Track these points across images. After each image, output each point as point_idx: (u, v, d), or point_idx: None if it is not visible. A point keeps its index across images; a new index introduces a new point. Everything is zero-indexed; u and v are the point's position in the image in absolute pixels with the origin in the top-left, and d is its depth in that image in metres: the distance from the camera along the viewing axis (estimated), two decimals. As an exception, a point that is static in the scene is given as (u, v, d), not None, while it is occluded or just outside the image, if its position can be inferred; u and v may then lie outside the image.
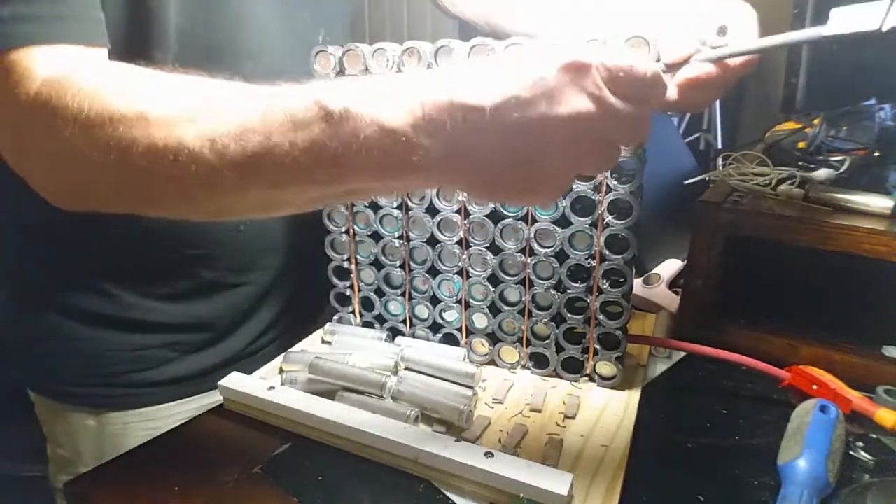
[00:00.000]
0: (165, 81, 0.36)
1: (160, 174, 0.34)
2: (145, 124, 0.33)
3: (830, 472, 0.39)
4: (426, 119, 0.30)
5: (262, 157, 0.32)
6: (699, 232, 0.59)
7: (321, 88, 0.32)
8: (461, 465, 0.40)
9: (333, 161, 0.32)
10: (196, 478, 0.43)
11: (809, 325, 0.58)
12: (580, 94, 0.30)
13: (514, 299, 0.54)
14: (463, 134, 0.30)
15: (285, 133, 0.32)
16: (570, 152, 0.32)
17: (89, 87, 0.35)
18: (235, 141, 0.32)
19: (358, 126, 0.31)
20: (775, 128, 0.82)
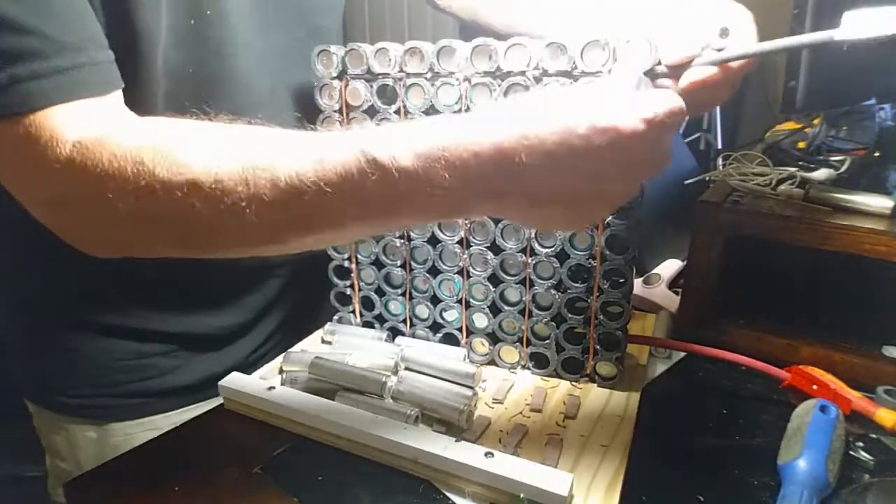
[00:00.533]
0: (206, 138, 0.36)
1: (222, 235, 0.36)
2: (199, 191, 0.34)
3: (830, 472, 0.39)
4: (477, 172, 0.32)
5: (317, 212, 0.34)
6: (699, 232, 0.59)
7: (370, 138, 0.33)
8: (461, 465, 0.40)
9: (386, 212, 0.34)
10: (196, 478, 0.43)
11: (809, 325, 0.58)
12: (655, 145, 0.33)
13: (514, 299, 0.54)
14: (516, 182, 0.32)
15: (339, 188, 0.33)
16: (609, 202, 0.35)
17: (127, 150, 0.34)
18: (293, 199, 0.33)
19: (412, 182, 0.32)
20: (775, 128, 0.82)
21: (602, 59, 0.44)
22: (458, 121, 0.34)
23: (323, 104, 0.55)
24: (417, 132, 0.33)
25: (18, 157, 0.35)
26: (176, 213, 0.34)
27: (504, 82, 0.47)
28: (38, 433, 0.62)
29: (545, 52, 0.45)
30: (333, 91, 0.54)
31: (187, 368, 0.58)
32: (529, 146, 0.31)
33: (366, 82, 0.52)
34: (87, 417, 0.57)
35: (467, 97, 0.49)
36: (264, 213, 0.34)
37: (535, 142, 0.31)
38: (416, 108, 0.51)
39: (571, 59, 0.45)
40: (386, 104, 0.52)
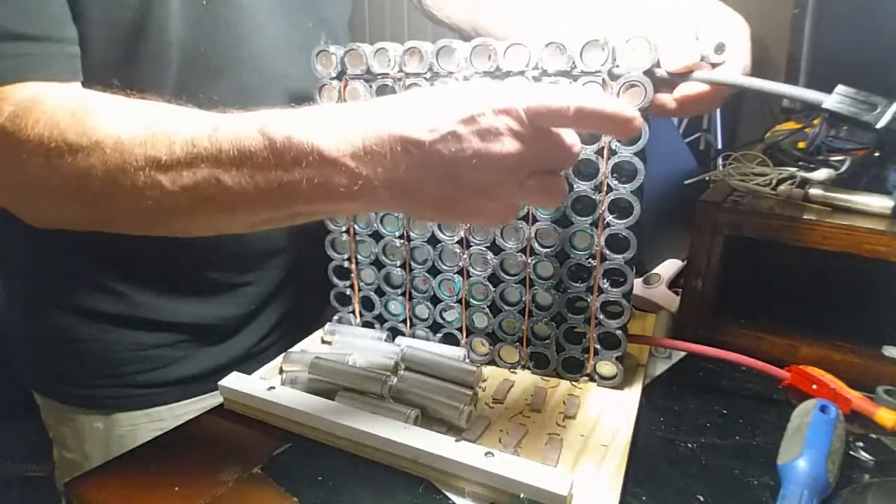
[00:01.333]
0: (120, 108, 0.38)
1: (118, 198, 0.36)
2: (101, 153, 0.35)
3: (830, 472, 0.39)
4: (367, 150, 0.32)
5: (211, 183, 0.34)
6: (699, 232, 0.59)
7: (267, 117, 0.34)
8: (461, 465, 0.40)
9: (278, 187, 0.34)
10: (196, 478, 0.43)
11: (809, 325, 0.58)
12: (509, 134, 0.33)
13: (514, 299, 0.54)
14: (403, 164, 0.32)
15: (232, 160, 0.34)
16: (508, 183, 0.34)
17: (49, 118, 0.36)
18: (185, 167, 0.34)
19: (300, 155, 0.33)
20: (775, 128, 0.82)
21: (601, 58, 0.44)
22: (353, 109, 0.34)
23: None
24: (312, 115, 0.34)
25: None
26: (78, 174, 0.36)
27: (503, 82, 0.47)
28: (45, 425, 0.63)
29: (544, 52, 0.45)
30: (332, 91, 0.54)
31: (191, 359, 0.59)
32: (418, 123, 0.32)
33: (365, 82, 0.52)
34: (93, 408, 0.58)
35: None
36: (157, 177, 0.34)
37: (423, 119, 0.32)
38: (416, 109, 0.51)
39: (570, 58, 0.45)
40: (386, 104, 0.52)
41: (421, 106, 0.33)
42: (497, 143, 0.33)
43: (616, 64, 0.44)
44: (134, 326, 0.56)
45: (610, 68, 0.44)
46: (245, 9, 0.51)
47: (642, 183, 0.47)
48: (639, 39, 0.43)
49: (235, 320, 0.61)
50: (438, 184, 0.34)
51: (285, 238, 0.62)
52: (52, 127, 0.36)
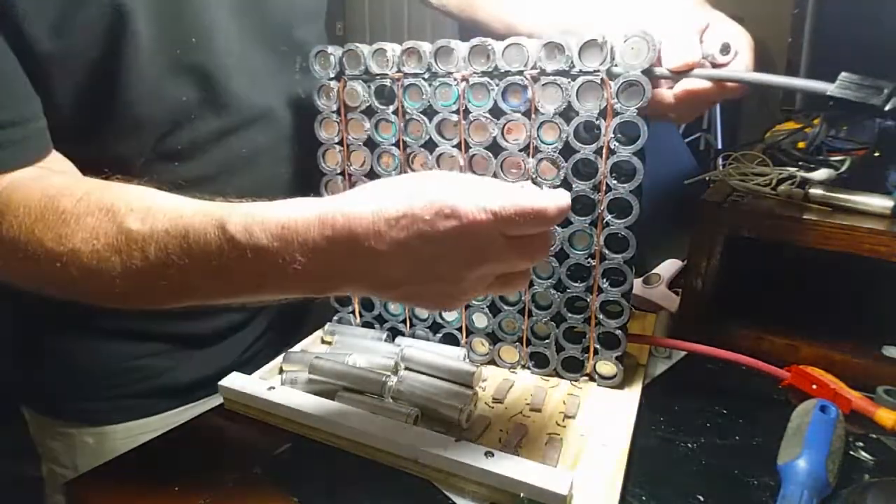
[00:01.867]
0: (88, 207, 0.38)
1: (95, 292, 0.39)
2: (78, 260, 0.37)
3: (830, 472, 0.39)
4: (332, 253, 0.33)
5: (183, 284, 0.37)
6: (699, 232, 0.59)
7: (231, 217, 0.35)
8: (461, 465, 0.40)
9: (246, 283, 0.36)
10: (196, 478, 0.43)
11: (809, 325, 0.58)
12: (463, 249, 0.33)
13: (514, 299, 0.54)
14: (363, 267, 0.34)
15: (200, 265, 0.35)
16: (472, 284, 0.35)
17: (23, 218, 0.38)
18: (158, 272, 0.36)
19: (269, 259, 0.34)
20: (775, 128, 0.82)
21: (600, 58, 0.44)
22: (316, 204, 0.35)
23: (321, 105, 0.55)
24: (275, 211, 0.35)
25: None
26: (56, 279, 0.38)
27: (502, 82, 0.47)
28: (35, 439, 0.62)
29: (543, 52, 0.45)
30: (331, 92, 0.54)
31: (181, 369, 0.58)
32: (377, 231, 0.32)
33: (364, 83, 0.52)
34: (83, 421, 0.57)
35: (465, 97, 0.49)
36: (133, 280, 0.37)
37: (384, 227, 0.32)
38: (414, 109, 0.51)
39: (569, 58, 0.45)
40: (384, 104, 0.52)
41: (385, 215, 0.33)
42: (446, 258, 0.33)
43: (614, 63, 0.44)
44: (121, 338, 0.56)
45: (608, 68, 0.44)
46: (219, 51, 0.50)
47: (641, 182, 0.46)
48: (637, 39, 0.43)
49: (226, 329, 0.60)
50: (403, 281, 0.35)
51: None
52: (27, 231, 0.38)
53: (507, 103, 0.48)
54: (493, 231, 0.33)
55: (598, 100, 0.45)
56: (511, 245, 0.34)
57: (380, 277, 0.35)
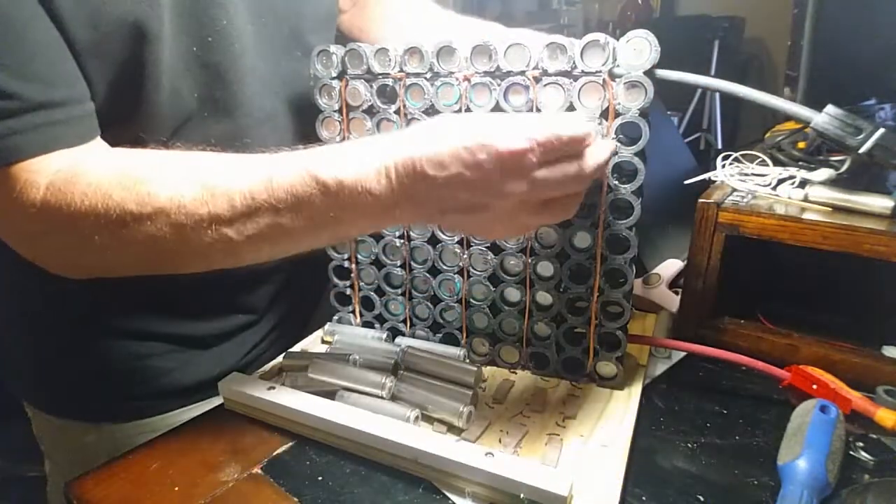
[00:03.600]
0: (164, 168, 0.40)
1: (186, 255, 0.40)
2: (165, 217, 0.38)
3: (830, 472, 0.39)
4: (398, 181, 0.38)
5: (272, 228, 0.39)
6: (699, 232, 0.59)
7: (314, 162, 0.39)
8: (461, 465, 0.40)
9: (331, 222, 0.39)
10: (196, 478, 0.43)
11: (809, 325, 0.58)
12: (512, 177, 0.37)
13: (514, 299, 0.54)
14: (423, 194, 0.38)
15: (289, 207, 0.38)
16: (512, 216, 0.39)
17: (96, 187, 0.38)
18: (248, 218, 0.39)
19: (351, 194, 0.38)
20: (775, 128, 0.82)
21: (602, 58, 0.44)
22: (382, 141, 0.40)
23: (322, 104, 0.55)
24: (352, 151, 0.39)
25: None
26: (145, 239, 0.39)
27: (504, 82, 0.47)
28: (38, 438, 0.62)
29: (545, 52, 0.45)
30: (333, 91, 0.54)
31: (186, 370, 0.58)
32: (430, 160, 0.37)
33: (365, 82, 0.52)
34: (86, 420, 0.57)
35: (467, 97, 0.49)
36: (223, 230, 0.39)
37: (435, 157, 0.37)
38: (416, 108, 0.51)
39: (571, 58, 0.45)
40: (385, 104, 0.52)
41: (441, 143, 0.37)
42: (501, 186, 0.37)
43: (616, 64, 0.44)
44: (125, 338, 0.55)
45: (610, 68, 0.44)
46: (236, 53, 0.50)
47: (642, 183, 0.47)
48: (639, 39, 0.43)
49: (231, 330, 0.60)
50: (454, 208, 0.39)
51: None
52: (105, 198, 0.38)
53: (508, 103, 0.48)
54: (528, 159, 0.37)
55: (599, 100, 0.45)
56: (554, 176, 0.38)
57: (438, 203, 0.39)
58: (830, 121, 0.43)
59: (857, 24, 0.80)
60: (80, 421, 0.57)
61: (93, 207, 0.38)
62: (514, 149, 0.36)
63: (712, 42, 2.69)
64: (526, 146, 0.36)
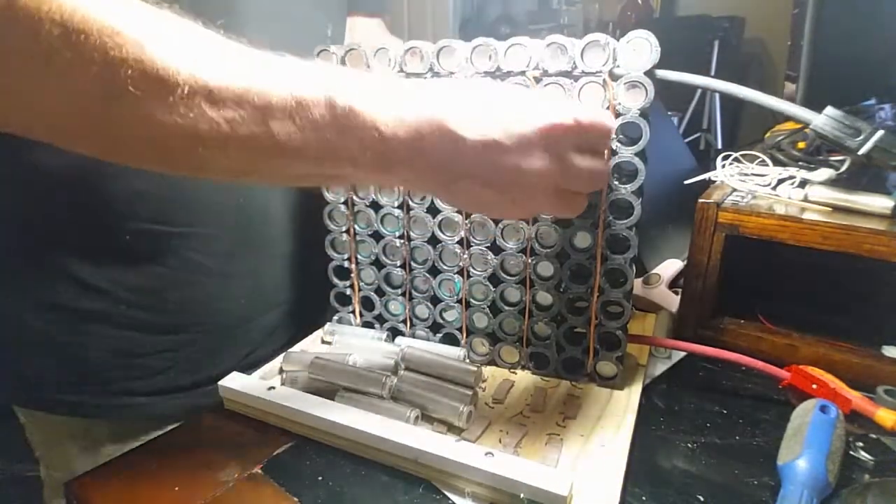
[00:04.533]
0: (164, 18, 0.32)
1: (141, 103, 0.30)
2: (139, 49, 0.29)
3: (830, 472, 0.39)
4: (417, 133, 0.34)
5: (256, 124, 0.32)
6: (699, 232, 0.59)
7: (330, 78, 0.34)
8: (461, 465, 0.40)
9: (327, 148, 0.34)
10: (196, 478, 0.43)
11: (809, 325, 0.58)
12: (548, 154, 0.36)
13: (514, 299, 0.54)
14: (440, 153, 0.35)
15: (285, 108, 0.32)
16: (534, 193, 0.37)
17: None
18: (235, 100, 0.31)
19: (357, 125, 0.33)
20: (775, 128, 0.82)
21: (602, 58, 0.44)
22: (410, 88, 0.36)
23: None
24: (372, 87, 0.35)
25: None
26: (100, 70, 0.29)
27: (504, 82, 0.47)
28: (31, 444, 0.61)
29: (545, 52, 0.45)
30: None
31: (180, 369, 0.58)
32: (467, 120, 0.34)
33: (366, 82, 0.52)
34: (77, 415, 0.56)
35: (467, 97, 0.49)
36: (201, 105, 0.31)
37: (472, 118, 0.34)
38: (416, 108, 0.51)
39: (571, 59, 0.45)
40: (386, 104, 0.52)
41: (476, 104, 0.35)
42: (535, 160, 0.35)
43: (617, 64, 0.44)
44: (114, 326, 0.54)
45: (611, 68, 0.44)
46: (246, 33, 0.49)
47: (642, 183, 0.47)
48: (640, 39, 0.43)
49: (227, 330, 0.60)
50: (471, 177, 0.36)
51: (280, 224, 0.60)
52: (82, 4, 0.28)
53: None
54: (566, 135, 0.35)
55: (600, 100, 0.45)
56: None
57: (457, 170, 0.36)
58: (829, 122, 0.43)
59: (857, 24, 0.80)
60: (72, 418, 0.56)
61: (59, 9, 0.28)
62: (559, 123, 0.35)
63: (712, 42, 2.69)
64: (570, 123, 0.35)
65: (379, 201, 0.56)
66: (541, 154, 0.35)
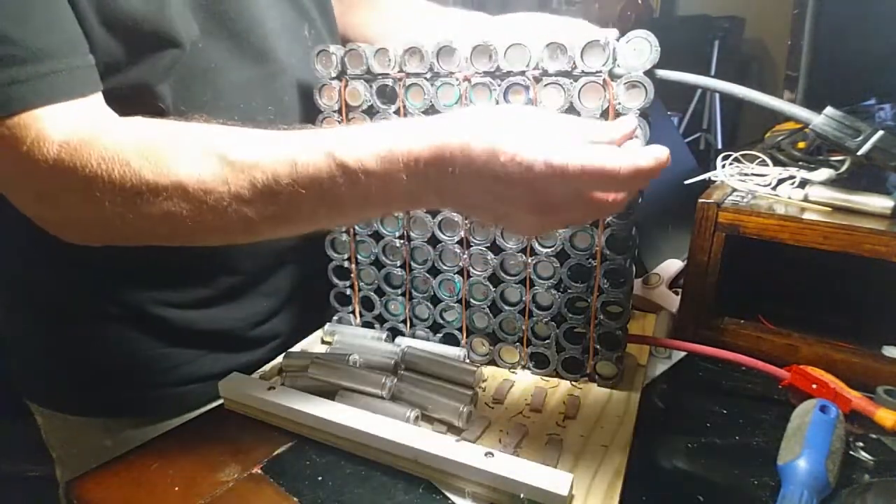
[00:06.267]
0: (182, 140, 0.39)
1: (202, 229, 0.39)
2: (183, 192, 0.37)
3: (830, 472, 0.39)
4: (426, 174, 0.36)
5: (293, 212, 0.38)
6: (699, 232, 0.59)
7: (341, 147, 0.37)
8: (461, 465, 0.40)
9: (354, 209, 0.39)
10: (196, 478, 0.43)
11: (809, 325, 0.58)
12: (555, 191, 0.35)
13: (514, 299, 0.54)
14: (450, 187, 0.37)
15: (313, 193, 0.37)
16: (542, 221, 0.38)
17: (114, 152, 0.37)
18: (269, 200, 0.38)
19: (377, 183, 0.37)
20: (775, 128, 0.82)
21: (602, 59, 0.44)
22: (412, 128, 0.38)
23: (322, 104, 0.55)
24: (380, 137, 0.37)
25: (5, 158, 0.37)
26: (160, 212, 0.37)
27: (504, 82, 0.47)
28: (48, 444, 0.61)
29: (545, 53, 0.45)
30: (333, 91, 0.54)
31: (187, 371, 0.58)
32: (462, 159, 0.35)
33: (365, 82, 0.52)
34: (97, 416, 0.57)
35: (467, 97, 0.49)
36: (243, 209, 0.38)
37: (465, 159, 0.35)
38: (416, 109, 0.51)
39: (571, 59, 0.45)
40: (385, 104, 0.52)
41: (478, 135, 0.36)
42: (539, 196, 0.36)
43: (616, 64, 0.44)
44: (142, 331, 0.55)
45: (611, 68, 0.44)
46: (245, 2, 0.51)
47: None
48: (639, 39, 0.43)
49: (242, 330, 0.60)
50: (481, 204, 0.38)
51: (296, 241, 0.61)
52: (122, 165, 0.37)
53: (509, 104, 0.48)
54: (555, 183, 0.35)
55: (600, 100, 0.45)
56: (582, 199, 0.36)
57: (461, 199, 0.38)
58: (829, 122, 0.43)
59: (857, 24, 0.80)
60: (91, 418, 0.57)
61: (109, 172, 0.37)
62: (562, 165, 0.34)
63: (712, 42, 2.69)
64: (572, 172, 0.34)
65: (379, 201, 0.56)
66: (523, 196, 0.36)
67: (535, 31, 0.50)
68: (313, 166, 0.37)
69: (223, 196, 0.37)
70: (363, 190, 0.37)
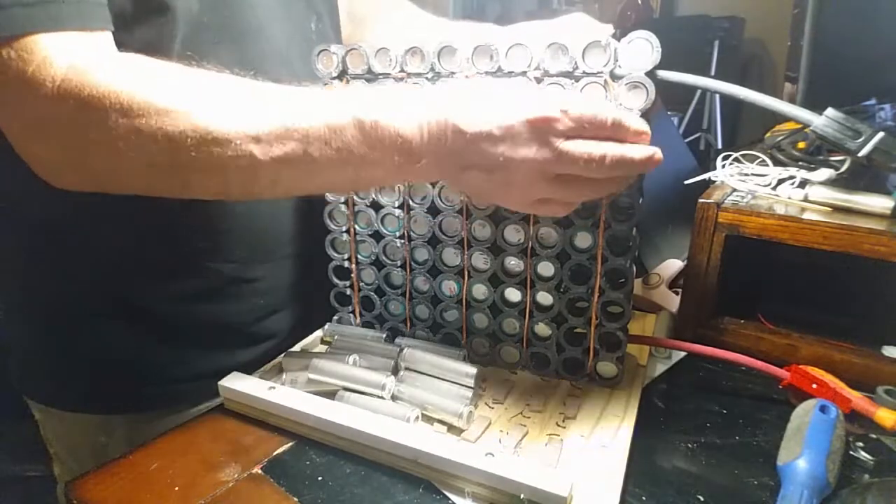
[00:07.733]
0: (200, 78, 0.40)
1: (203, 162, 0.38)
2: (191, 117, 0.37)
3: (830, 472, 0.39)
4: (430, 133, 0.40)
5: (299, 156, 0.39)
6: (699, 232, 0.59)
7: (354, 100, 0.40)
8: (461, 465, 0.40)
9: (362, 160, 0.40)
10: (196, 478, 0.43)
11: (809, 325, 0.58)
12: (536, 142, 0.39)
13: (514, 300, 0.54)
14: (449, 148, 0.40)
15: (321, 137, 0.39)
16: (529, 181, 0.40)
17: (123, 80, 0.37)
18: (278, 140, 0.39)
19: (383, 136, 0.39)
20: (775, 128, 0.82)
21: (603, 59, 0.44)
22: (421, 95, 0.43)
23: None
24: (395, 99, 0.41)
25: (8, 79, 0.37)
26: (163, 138, 0.37)
27: (506, 81, 0.47)
28: (45, 441, 0.62)
29: (546, 53, 0.45)
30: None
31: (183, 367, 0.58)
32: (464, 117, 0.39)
33: (366, 82, 0.52)
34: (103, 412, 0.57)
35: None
36: (248, 147, 0.38)
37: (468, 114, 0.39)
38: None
39: (573, 59, 0.45)
40: (386, 104, 0.52)
41: (474, 101, 0.40)
42: (522, 149, 0.39)
43: (618, 64, 0.44)
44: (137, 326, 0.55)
45: (612, 69, 0.44)
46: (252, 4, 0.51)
47: (642, 183, 0.47)
48: (640, 40, 0.43)
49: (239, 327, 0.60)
50: (475, 167, 0.41)
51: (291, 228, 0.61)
52: (129, 85, 0.37)
53: None
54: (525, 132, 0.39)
55: (601, 101, 0.45)
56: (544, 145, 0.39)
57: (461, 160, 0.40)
58: (830, 124, 0.43)
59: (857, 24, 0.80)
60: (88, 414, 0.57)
61: (115, 91, 0.36)
62: (544, 115, 0.38)
63: (712, 42, 2.69)
64: (556, 115, 0.38)
65: (379, 201, 0.56)
66: (528, 142, 0.39)
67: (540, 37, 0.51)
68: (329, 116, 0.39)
69: (231, 128, 0.37)
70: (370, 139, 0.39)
